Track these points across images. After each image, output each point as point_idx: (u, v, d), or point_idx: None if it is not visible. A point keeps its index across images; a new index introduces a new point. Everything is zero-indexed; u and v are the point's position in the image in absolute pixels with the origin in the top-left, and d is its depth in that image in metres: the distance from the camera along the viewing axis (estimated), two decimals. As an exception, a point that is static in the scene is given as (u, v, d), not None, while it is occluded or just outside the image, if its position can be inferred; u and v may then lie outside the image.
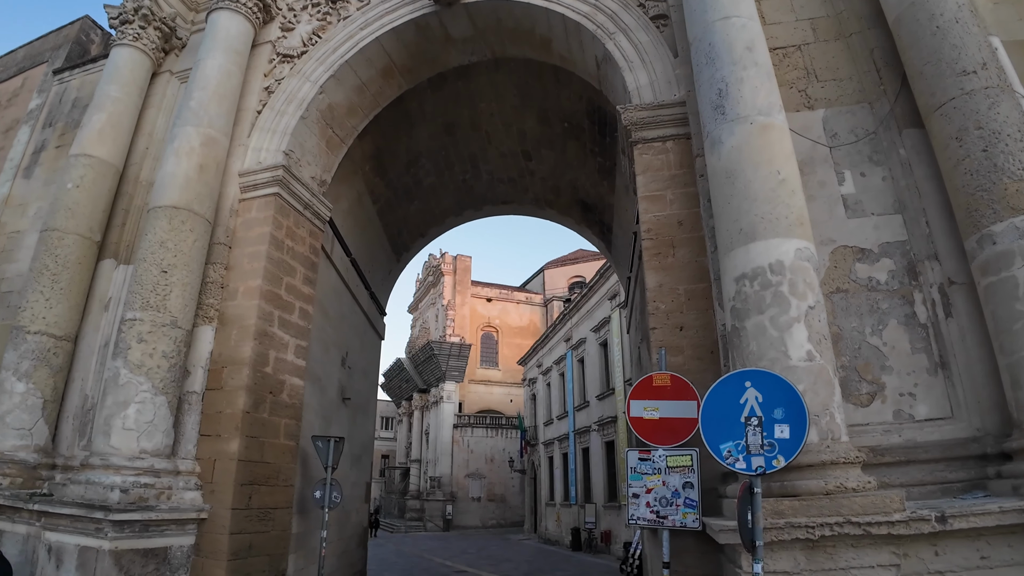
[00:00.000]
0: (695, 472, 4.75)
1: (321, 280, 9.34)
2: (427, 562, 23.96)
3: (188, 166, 7.59)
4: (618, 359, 25.17)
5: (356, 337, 11.58)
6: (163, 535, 6.17)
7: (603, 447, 26.70)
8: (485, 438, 49.01)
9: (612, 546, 24.88)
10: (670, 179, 6.40)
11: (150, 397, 6.43)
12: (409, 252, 14.39)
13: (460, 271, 56.59)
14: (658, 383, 5.04)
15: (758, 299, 4.68)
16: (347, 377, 10.84)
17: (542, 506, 35.47)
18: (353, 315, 11.30)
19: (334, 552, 10.01)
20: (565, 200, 13.14)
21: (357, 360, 11.66)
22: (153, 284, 6.88)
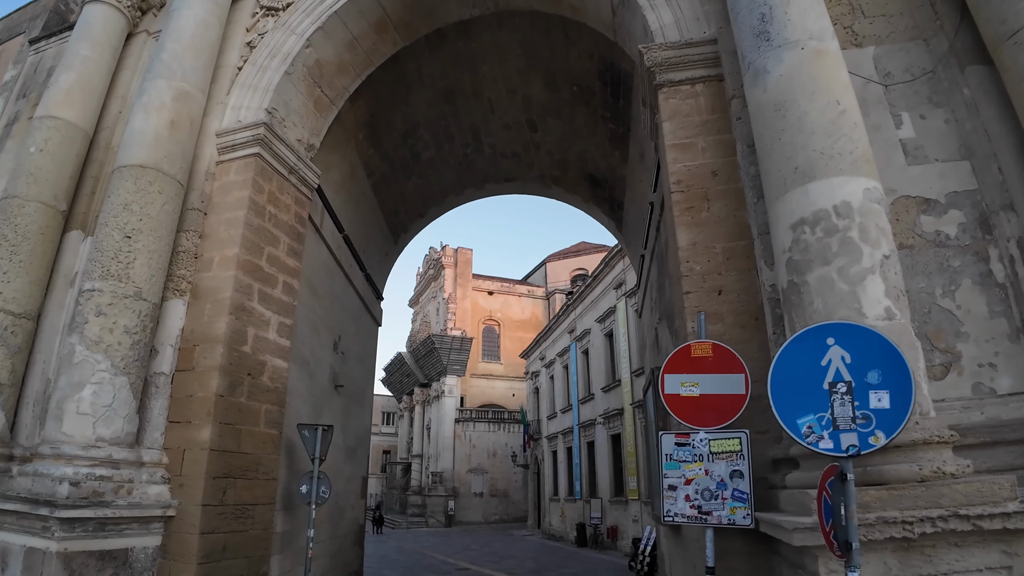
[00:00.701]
0: (745, 458, 3.95)
1: (309, 255, 8.55)
2: (429, 559, 23.23)
3: (158, 122, 6.80)
4: (624, 350, 24.38)
5: (350, 321, 10.78)
6: (122, 535, 5.39)
7: (609, 441, 25.94)
8: (487, 433, 48.30)
9: (619, 542, 24.13)
10: (701, 125, 5.59)
11: (109, 378, 5.64)
12: (407, 233, 13.58)
13: (461, 264, 55.78)
14: (697, 353, 4.24)
15: (822, 248, 3.88)
16: (340, 363, 10.05)
17: (546, 501, 34.72)
18: (346, 296, 10.50)
19: (327, 551, 9.24)
20: (573, 175, 12.31)
21: (351, 346, 10.86)
22: (115, 251, 6.08)
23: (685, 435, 4.19)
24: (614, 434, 25.48)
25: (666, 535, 8.92)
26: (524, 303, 57.42)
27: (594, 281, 28.76)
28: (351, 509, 10.71)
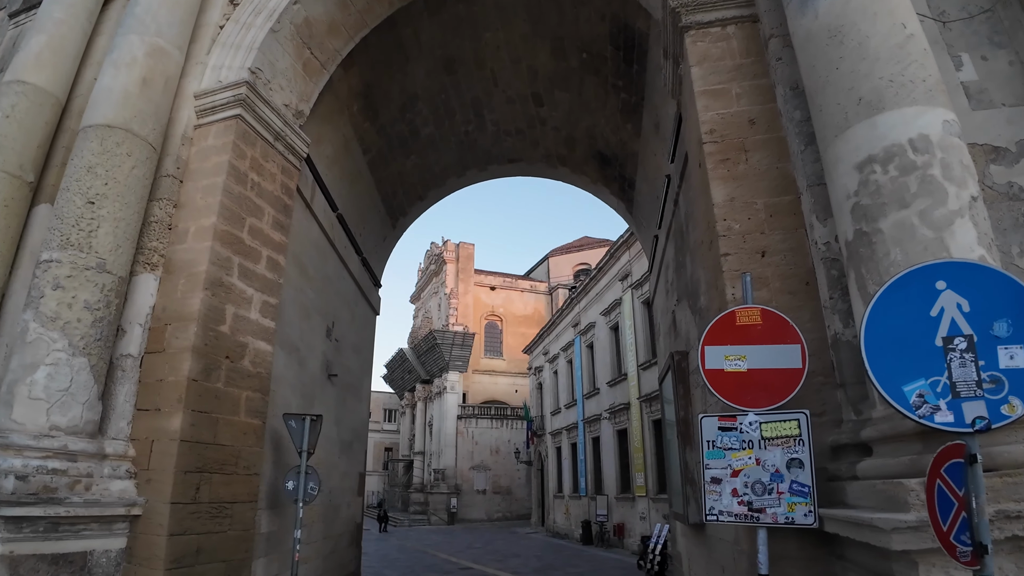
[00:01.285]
0: (805, 444, 3.29)
1: (299, 232, 7.90)
2: (431, 558, 22.61)
3: (128, 79, 6.14)
4: (630, 343, 23.72)
5: (345, 307, 10.13)
6: (80, 536, 4.75)
7: (615, 436, 25.28)
8: (490, 429, 47.72)
9: (625, 540, 23.49)
10: (735, 70, 4.92)
11: (66, 358, 4.99)
12: (406, 217, 12.92)
13: (463, 259, 55.14)
14: (744, 321, 3.57)
15: (898, 188, 3.21)
16: (334, 351, 9.40)
17: (550, 498, 34.09)
18: (341, 280, 9.85)
19: (319, 552, 8.60)
20: (580, 153, 11.64)
21: (346, 333, 10.22)
22: (76, 218, 5.43)
23: (731, 418, 3.52)
24: (620, 429, 24.82)
25: (683, 533, 8.28)
26: (527, 298, 56.78)
27: (599, 273, 28.08)
28: (347, 507, 10.07)
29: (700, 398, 6.33)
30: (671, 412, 7.95)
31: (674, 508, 7.69)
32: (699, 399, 6.40)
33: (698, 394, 6.46)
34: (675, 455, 7.41)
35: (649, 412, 21.90)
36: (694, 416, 6.70)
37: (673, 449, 7.57)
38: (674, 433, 7.72)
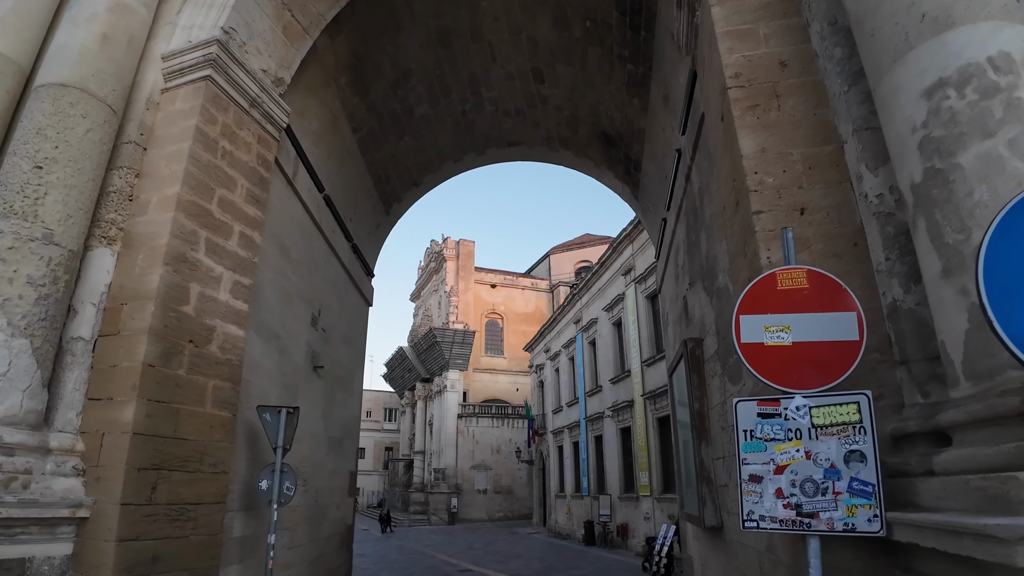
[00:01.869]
0: (868, 433, 2.66)
1: (280, 210, 7.31)
2: (430, 559, 22.02)
3: (88, 35, 5.56)
4: (634, 339, 23.11)
5: (333, 295, 9.53)
6: (16, 541, 4.15)
7: (618, 434, 24.67)
8: (491, 428, 47.13)
9: (629, 540, 22.89)
10: (761, 8, 4.31)
11: (4, 339, 4.39)
12: (401, 203, 12.32)
13: (463, 256, 54.56)
14: (787, 285, 2.95)
15: (979, 115, 2.61)
16: (321, 341, 8.81)
17: (551, 498, 33.49)
18: (328, 266, 9.25)
19: (305, 557, 8.01)
20: (583, 134, 11.03)
21: (335, 323, 9.62)
22: (22, 184, 4.83)
23: (773, 402, 2.90)
24: (624, 427, 24.21)
25: (696, 536, 7.68)
26: (528, 296, 56.19)
27: (601, 268, 27.46)
28: (336, 508, 9.47)
29: (718, 388, 5.73)
30: (682, 406, 7.36)
31: (686, 509, 7.09)
32: (716, 389, 5.81)
33: (715, 384, 5.86)
34: (688, 452, 6.81)
35: (654, 409, 21.29)
36: (710, 408, 6.11)
37: (687, 446, 6.97)
38: (684, 428, 7.12)
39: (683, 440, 7.25)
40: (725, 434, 5.47)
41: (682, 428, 7.30)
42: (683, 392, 7.00)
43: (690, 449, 6.66)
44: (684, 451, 7.25)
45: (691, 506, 6.66)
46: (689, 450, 6.74)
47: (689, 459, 6.84)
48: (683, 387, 6.95)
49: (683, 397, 7.23)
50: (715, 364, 5.83)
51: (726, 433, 5.44)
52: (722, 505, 5.72)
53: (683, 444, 7.27)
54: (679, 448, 7.52)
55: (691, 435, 6.20)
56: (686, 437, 6.97)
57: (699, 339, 6.48)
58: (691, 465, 6.69)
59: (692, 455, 6.49)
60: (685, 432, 6.93)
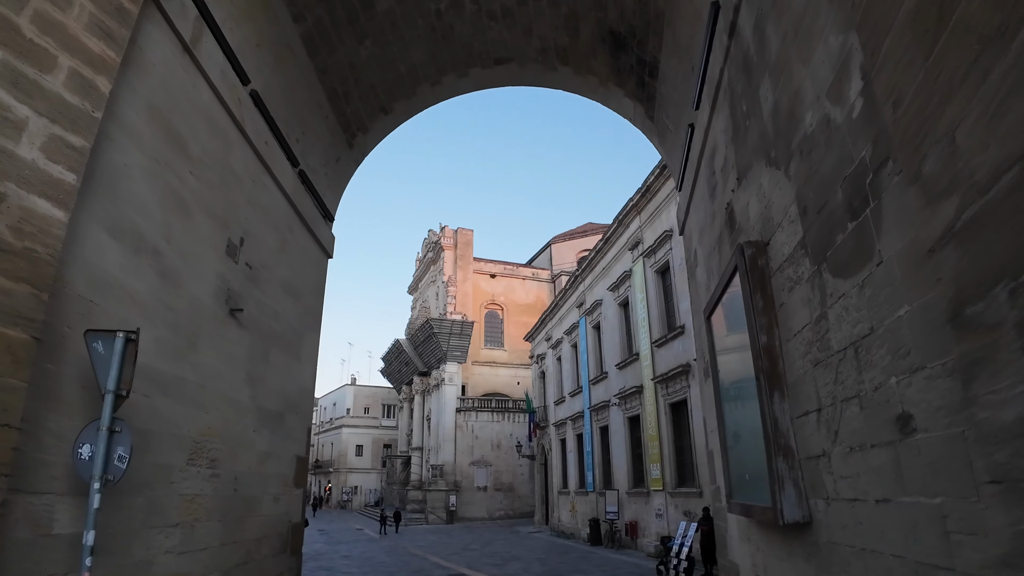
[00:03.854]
0: None
1: (167, 80, 5.21)
2: (420, 562, 19.93)
3: None
4: (642, 318, 21.00)
5: (268, 227, 7.44)
6: None
7: (626, 424, 22.55)
8: (491, 423, 45.12)
9: (639, 540, 20.76)
10: None
11: None
12: (367, 135, 10.20)
13: (461, 245, 52.51)
14: None
15: None
16: (244, 280, 6.71)
17: (554, 495, 31.38)
18: (259, 187, 7.16)
19: (214, 565, 5.92)
20: (586, 38, 8.90)
21: (272, 265, 7.54)
22: None
23: None
24: (632, 416, 22.08)
25: (745, 536, 5.57)
26: (528, 286, 54.11)
27: (605, 245, 25.34)
28: (273, 501, 7.38)
29: (804, 301, 3.62)
30: (729, 354, 5.24)
31: (737, 498, 4.97)
32: (800, 305, 3.69)
33: (798, 299, 3.74)
34: (743, 416, 4.71)
35: (666, 394, 19.16)
36: (786, 340, 3.99)
37: (739, 409, 4.85)
38: (736, 386, 5.02)
39: (732, 403, 5.13)
40: (823, 371, 3.36)
41: (731, 388, 5.18)
42: (734, 330, 4.89)
43: (746, 411, 4.56)
44: (733, 417, 5.13)
45: (750, 493, 4.55)
46: (744, 412, 4.64)
47: (743, 426, 4.73)
48: (734, 322, 4.84)
49: (730, 342, 5.11)
50: (797, 266, 3.72)
51: (825, 369, 3.33)
52: (813, 488, 3.60)
53: (732, 408, 5.15)
54: (723, 416, 5.39)
55: (756, 388, 4.07)
56: (738, 394, 4.86)
57: (762, 243, 4.36)
58: (747, 434, 4.59)
59: (750, 419, 4.40)
60: (740, 391, 4.82)
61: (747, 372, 4.43)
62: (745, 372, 4.50)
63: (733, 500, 5.10)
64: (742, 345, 4.63)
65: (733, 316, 4.89)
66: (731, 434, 5.18)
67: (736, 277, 4.68)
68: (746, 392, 4.55)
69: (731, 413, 5.17)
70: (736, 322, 4.80)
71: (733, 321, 4.91)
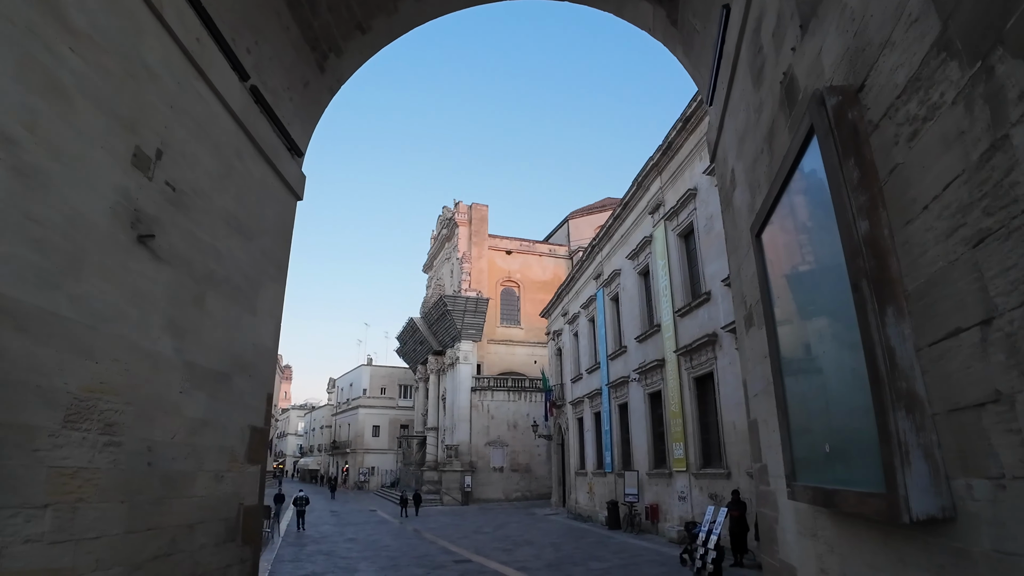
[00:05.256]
0: None
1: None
2: (427, 546, 18.79)
3: None
4: (664, 286, 19.43)
5: (204, 144, 6.04)
6: None
7: (646, 400, 21.08)
8: (507, 402, 43.96)
9: (660, 524, 19.39)
10: None
11: None
12: (342, 58, 8.73)
13: (476, 221, 51.05)
14: None
15: None
16: (163, 203, 5.33)
17: (571, 476, 30.10)
18: (188, 92, 5.74)
19: (118, 557, 4.62)
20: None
21: (209, 191, 6.16)
22: None
23: None
24: (653, 392, 20.60)
25: (808, 530, 4.11)
26: (545, 263, 52.57)
27: (624, 211, 23.71)
28: (214, 480, 6.06)
29: (941, 148, 2.12)
30: (785, 279, 3.73)
31: (805, 480, 3.48)
32: (933, 159, 2.18)
33: (926, 151, 2.23)
34: (814, 364, 3.23)
35: (690, 367, 17.62)
36: (900, 228, 2.48)
37: (812, 355, 3.34)
38: (808, 317, 3.53)
39: (798, 348, 3.62)
40: (1000, 248, 1.86)
41: (797, 326, 3.66)
42: (803, 238, 3.39)
43: (825, 354, 3.10)
44: (799, 368, 3.63)
45: (829, 472, 3.08)
46: (822, 357, 3.16)
47: (818, 377, 3.25)
48: (804, 226, 3.34)
49: (795, 258, 3.60)
50: (930, 88, 2.21)
51: (1006, 243, 1.83)
52: (964, 461, 2.13)
53: (798, 356, 3.64)
54: (780, 369, 3.87)
55: (850, 307, 2.56)
56: (810, 333, 3.36)
57: (850, 88, 2.84)
58: (826, 387, 3.12)
59: (835, 363, 2.94)
60: (812, 327, 3.33)
61: (828, 293, 2.94)
62: (825, 294, 3.01)
63: (797, 483, 3.61)
64: (818, 257, 3.14)
65: (801, 217, 3.38)
66: (794, 393, 3.69)
67: (805, 157, 3.18)
68: (826, 325, 3.06)
69: (796, 362, 3.68)
70: (807, 224, 3.30)
71: (801, 225, 3.40)
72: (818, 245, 3.14)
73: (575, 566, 13.94)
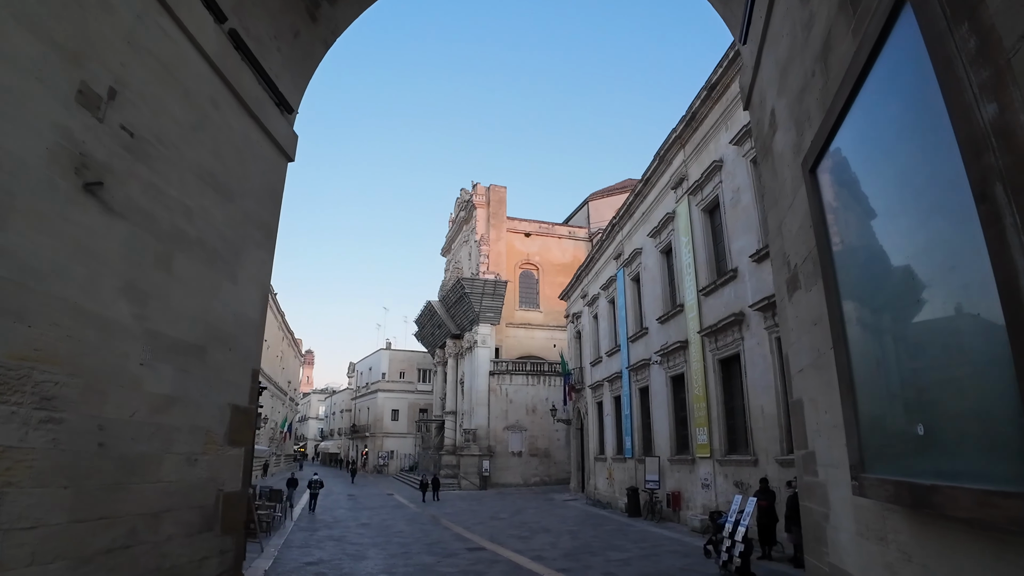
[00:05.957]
0: None
1: None
2: (440, 532, 18.27)
3: None
4: (688, 264, 18.53)
5: (169, 87, 5.37)
6: None
7: (668, 383, 20.26)
8: (525, 386, 43.37)
9: (682, 512, 18.64)
10: None
11: None
12: (334, 8, 7.98)
13: (494, 202, 50.23)
14: None
15: None
16: (114, 147, 4.67)
17: (590, 461, 29.45)
18: (148, 25, 5.06)
19: (61, 551, 4.02)
20: None
21: (182, 143, 5.50)
22: None
23: None
24: (675, 375, 19.77)
25: (874, 532, 3.34)
26: (565, 245, 51.61)
27: (645, 186, 22.76)
28: (186, 464, 5.45)
29: None
30: (853, 213, 2.95)
31: (881, 472, 2.72)
32: None
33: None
34: (899, 319, 2.46)
35: (715, 348, 16.76)
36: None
37: (905, 299, 2.55)
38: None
39: (874, 299, 2.83)
40: None
41: (873, 273, 2.87)
42: (881, 154, 2.59)
43: (916, 303, 2.31)
44: (875, 326, 2.84)
45: (922, 462, 2.30)
46: (911, 308, 2.38)
47: (923, 333, 2.45)
48: (884, 138, 2.55)
49: (872, 185, 2.81)
50: None
51: None
52: None
53: (874, 310, 2.85)
54: (844, 332, 3.09)
55: (984, 222, 1.79)
56: (895, 278, 2.57)
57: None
58: (917, 350, 2.34)
59: (936, 314, 2.16)
60: (896, 270, 2.53)
61: (924, 220, 2.16)
62: (919, 222, 2.23)
63: (867, 476, 2.84)
64: (906, 176, 2.35)
65: (877, 132, 2.58)
66: (865, 362, 2.91)
67: (882, 54, 2.40)
68: (923, 264, 2.27)
69: (869, 322, 2.89)
70: (886, 139, 2.50)
71: (877, 143, 2.60)
72: (906, 160, 2.35)
73: (593, 556, 13.28)
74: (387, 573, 11.56)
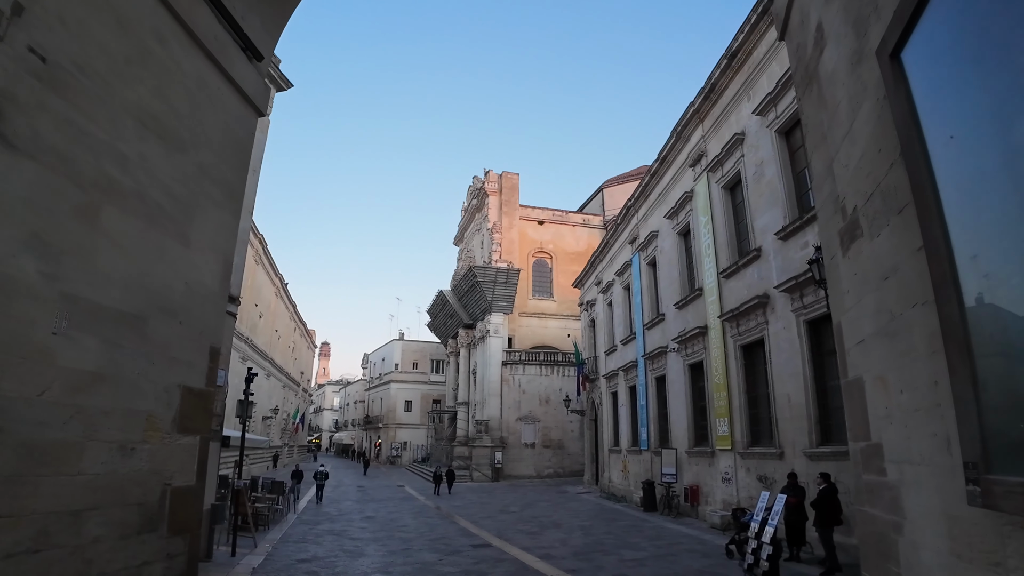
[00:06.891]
0: None
1: None
2: (447, 526, 17.51)
3: None
4: (707, 245, 17.50)
5: (96, 12, 4.51)
6: None
7: (686, 372, 19.26)
8: (539, 376, 42.49)
9: (701, 507, 17.68)
10: None
11: None
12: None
13: (507, 190, 49.25)
14: None
15: None
16: (20, 73, 3.83)
17: (604, 453, 28.54)
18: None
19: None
20: None
21: (114, 79, 4.66)
22: None
23: None
24: (694, 362, 18.77)
25: (972, 553, 2.39)
26: (579, 233, 50.52)
27: (662, 165, 21.69)
28: (119, 454, 4.63)
29: None
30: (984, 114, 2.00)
31: (1003, 472, 1.80)
32: None
33: None
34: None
35: (736, 334, 15.73)
36: None
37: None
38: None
39: (997, 210, 1.90)
40: None
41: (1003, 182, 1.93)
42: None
43: None
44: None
45: None
46: None
47: None
48: None
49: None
50: None
51: None
52: None
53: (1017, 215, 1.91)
54: (952, 276, 2.16)
55: None
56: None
57: None
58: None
59: None
60: None
61: None
62: None
63: (999, 478, 1.92)
64: None
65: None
66: (988, 314, 1.98)
67: None
68: None
69: (1001, 251, 1.95)
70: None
71: None
72: None
73: (605, 555, 12.39)
74: (382, 573, 10.76)
